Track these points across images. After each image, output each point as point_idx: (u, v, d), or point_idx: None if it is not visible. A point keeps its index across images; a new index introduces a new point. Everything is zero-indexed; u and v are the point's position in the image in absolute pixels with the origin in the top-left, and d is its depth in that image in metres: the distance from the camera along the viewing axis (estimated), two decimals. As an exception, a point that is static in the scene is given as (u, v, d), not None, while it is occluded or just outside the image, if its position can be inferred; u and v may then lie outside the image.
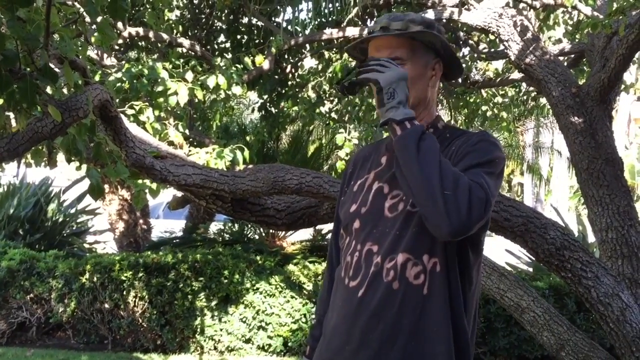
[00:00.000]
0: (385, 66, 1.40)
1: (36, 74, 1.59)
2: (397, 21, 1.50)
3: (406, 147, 1.33)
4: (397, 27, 1.48)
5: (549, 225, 2.67)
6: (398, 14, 1.54)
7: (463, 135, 1.48)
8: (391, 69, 1.40)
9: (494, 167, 1.38)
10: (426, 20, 1.52)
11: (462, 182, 1.28)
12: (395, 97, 1.37)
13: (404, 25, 1.48)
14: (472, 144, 1.41)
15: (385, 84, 1.38)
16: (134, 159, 2.39)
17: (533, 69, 3.62)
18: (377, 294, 1.39)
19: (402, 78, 1.39)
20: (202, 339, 5.59)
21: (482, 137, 1.43)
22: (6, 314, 5.90)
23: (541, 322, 3.09)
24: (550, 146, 17.14)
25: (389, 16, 1.53)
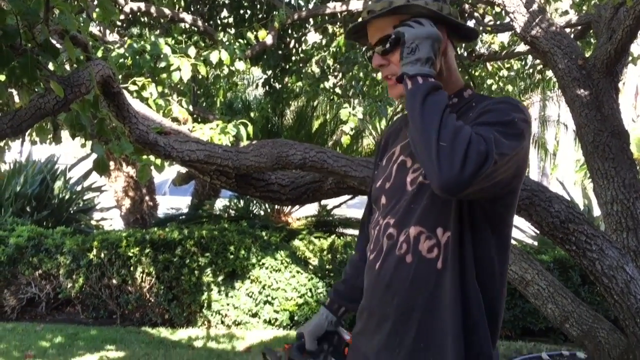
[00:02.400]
0: (421, 23, 1.35)
1: (37, 50, 1.59)
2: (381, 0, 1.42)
3: (413, 100, 1.27)
4: (380, 7, 1.40)
5: (553, 199, 2.67)
6: None
7: (489, 99, 1.41)
8: (424, 26, 1.34)
9: (511, 128, 1.26)
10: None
11: (463, 134, 1.18)
12: (415, 53, 1.31)
13: (386, 3, 1.40)
14: (492, 103, 1.33)
15: (408, 38, 1.32)
16: (137, 135, 2.38)
17: (539, 41, 3.57)
18: (391, 267, 1.38)
19: (429, 36, 1.32)
20: (209, 313, 5.65)
21: (505, 99, 1.35)
22: (15, 290, 5.97)
23: (545, 295, 3.11)
24: (556, 119, 17.03)
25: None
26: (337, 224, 7.61)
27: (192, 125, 4.06)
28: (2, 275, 5.83)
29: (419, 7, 1.39)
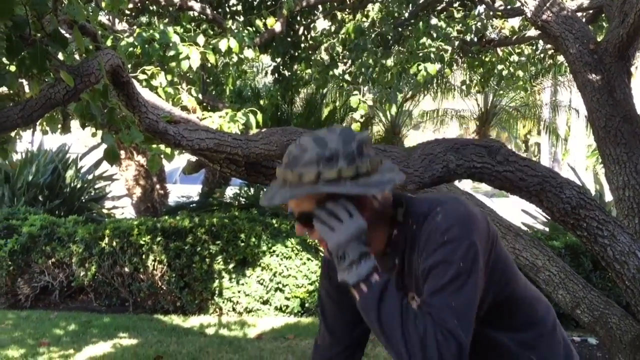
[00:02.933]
0: (338, 218, 1.28)
1: (46, 40, 1.59)
2: (292, 169, 1.29)
3: (367, 313, 1.27)
4: (291, 179, 1.29)
5: (564, 185, 2.65)
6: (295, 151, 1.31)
7: (425, 221, 1.35)
8: (343, 224, 1.27)
9: (461, 277, 1.27)
10: (325, 155, 1.28)
11: (430, 343, 1.21)
12: (346, 259, 1.26)
13: (294, 178, 1.29)
14: (432, 250, 1.30)
15: (333, 249, 1.27)
16: (147, 124, 2.39)
17: (550, 25, 3.53)
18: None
19: (353, 237, 1.27)
20: (221, 300, 5.69)
21: (444, 235, 1.30)
22: (29, 278, 6.04)
23: (556, 281, 3.09)
24: (567, 105, 16.88)
25: (288, 157, 1.32)
26: (347, 211, 7.61)
27: (201, 114, 4.07)
28: (16, 264, 5.90)
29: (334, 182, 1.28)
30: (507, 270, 1.45)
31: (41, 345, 4.66)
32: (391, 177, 1.32)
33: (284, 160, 1.33)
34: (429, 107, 15.44)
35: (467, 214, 1.34)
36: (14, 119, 1.74)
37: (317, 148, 1.28)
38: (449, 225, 1.30)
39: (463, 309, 1.26)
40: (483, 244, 1.34)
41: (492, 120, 13.14)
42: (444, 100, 13.72)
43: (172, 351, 4.53)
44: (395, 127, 12.18)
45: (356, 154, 1.29)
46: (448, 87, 12.17)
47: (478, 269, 1.30)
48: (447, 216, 1.32)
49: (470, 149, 2.43)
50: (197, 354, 4.47)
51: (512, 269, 1.47)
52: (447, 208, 1.34)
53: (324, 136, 1.31)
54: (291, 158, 1.30)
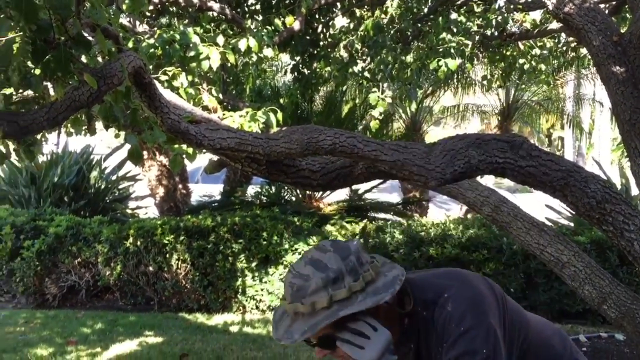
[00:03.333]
0: (364, 335, 1.28)
1: (70, 43, 1.62)
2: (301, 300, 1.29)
3: None
4: (303, 310, 1.29)
5: (589, 179, 2.61)
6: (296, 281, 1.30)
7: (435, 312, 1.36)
8: (371, 340, 1.27)
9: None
10: (330, 275, 1.29)
11: None
12: None
13: (307, 308, 1.28)
14: (452, 342, 1.31)
15: None
16: (169, 124, 2.41)
17: (572, 18, 3.48)
18: None
19: (384, 350, 1.27)
20: (244, 298, 5.73)
21: (460, 325, 1.32)
22: (56, 278, 6.14)
23: (582, 277, 3.06)
24: (591, 98, 16.63)
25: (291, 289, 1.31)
26: (368, 209, 7.61)
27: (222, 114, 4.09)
28: (43, 264, 6.00)
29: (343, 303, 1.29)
30: (520, 321, 1.47)
31: (69, 344, 4.74)
32: (394, 275, 1.34)
33: (287, 293, 1.33)
34: (449, 102, 15.33)
35: (476, 296, 1.35)
36: (40, 121, 1.77)
37: (320, 273, 1.29)
38: (461, 314, 1.32)
39: None
40: (497, 319, 1.36)
41: (514, 115, 13.00)
42: (465, 95, 13.60)
43: (197, 349, 4.58)
44: (416, 124, 12.12)
45: (357, 266, 1.31)
46: (469, 82, 12.07)
47: (500, 348, 1.32)
48: (457, 304, 1.34)
49: (493, 144, 2.41)
50: (221, 352, 4.51)
51: (522, 317, 1.49)
52: (454, 294, 1.36)
53: (320, 258, 1.31)
54: (295, 289, 1.30)
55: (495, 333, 1.32)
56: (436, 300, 1.37)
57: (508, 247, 5.34)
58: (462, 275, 1.45)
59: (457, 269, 1.54)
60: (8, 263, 6.10)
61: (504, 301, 1.43)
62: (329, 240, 1.39)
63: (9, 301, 6.40)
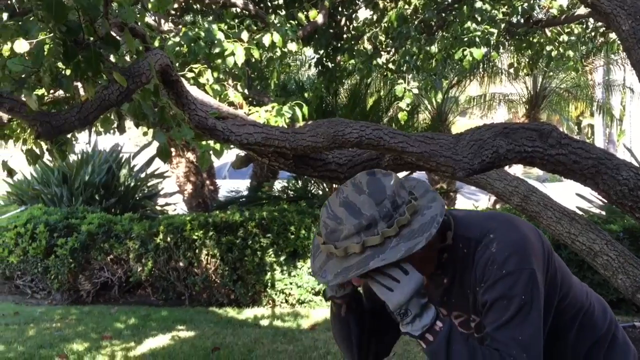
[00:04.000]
0: (395, 278, 1.27)
1: (99, 43, 1.65)
2: (334, 244, 1.29)
3: (438, 357, 1.28)
4: (337, 253, 1.29)
5: (621, 166, 2.57)
6: (330, 222, 1.29)
7: (477, 252, 1.35)
8: (401, 283, 1.26)
9: (525, 308, 1.29)
10: (363, 224, 1.27)
11: None
12: (408, 314, 1.27)
13: (340, 252, 1.28)
14: (492, 283, 1.31)
15: (394, 308, 1.27)
16: (196, 121, 2.44)
17: (600, 2, 3.41)
18: None
19: (413, 294, 1.26)
20: (274, 292, 5.77)
21: (502, 268, 1.30)
22: (90, 275, 6.26)
23: (615, 265, 3.01)
24: (621, 84, 16.28)
25: (325, 229, 1.30)
26: (395, 201, 7.57)
27: (248, 109, 4.12)
28: (77, 261, 6.12)
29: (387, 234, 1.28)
30: (563, 278, 1.46)
31: (104, 339, 4.83)
32: (433, 215, 1.31)
33: (322, 231, 1.32)
34: (475, 92, 15.17)
35: (522, 240, 1.33)
36: (72, 121, 1.81)
37: (353, 219, 1.27)
38: (505, 256, 1.30)
39: (530, 340, 1.28)
40: (541, 267, 1.34)
41: (542, 103, 12.80)
42: (491, 84, 13.43)
43: (228, 343, 4.63)
44: (442, 115, 12.02)
45: (392, 211, 1.29)
46: (495, 71, 11.92)
47: (540, 297, 1.31)
48: (502, 246, 1.32)
49: (521, 133, 2.38)
50: (252, 345, 4.55)
51: (566, 275, 1.48)
52: (500, 235, 1.34)
53: (354, 201, 1.29)
54: (329, 231, 1.30)
55: (536, 280, 1.31)
56: (480, 239, 1.36)
57: (538, 237, 5.28)
58: (510, 218, 1.43)
59: (506, 213, 1.52)
60: (43, 261, 6.24)
61: (549, 254, 1.41)
62: (367, 175, 1.33)
63: (44, 298, 6.55)
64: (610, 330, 1.55)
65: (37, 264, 6.27)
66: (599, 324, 1.53)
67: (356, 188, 1.32)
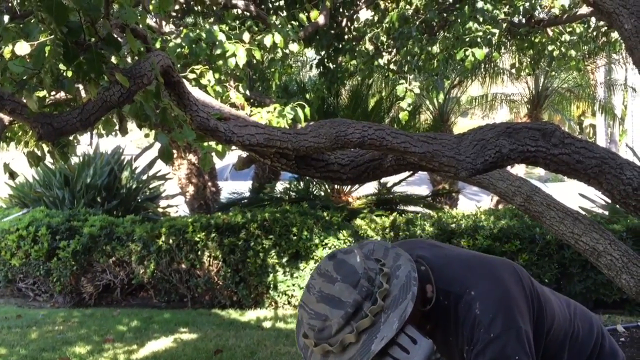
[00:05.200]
0: (404, 349, 1.25)
1: (100, 44, 1.64)
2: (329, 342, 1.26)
3: None
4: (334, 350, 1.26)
5: (624, 165, 2.56)
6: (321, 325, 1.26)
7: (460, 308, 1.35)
8: (410, 354, 1.25)
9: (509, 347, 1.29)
10: (350, 312, 1.25)
11: None
12: None
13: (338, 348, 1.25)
14: (482, 347, 1.30)
15: None
16: (198, 122, 2.43)
17: (602, 1, 3.40)
18: None
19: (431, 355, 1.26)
20: (276, 294, 5.76)
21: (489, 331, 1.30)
22: (92, 277, 6.26)
23: (619, 265, 3.00)
24: (623, 83, 16.25)
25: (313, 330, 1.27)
26: (397, 202, 7.57)
27: (249, 110, 4.11)
28: (79, 264, 6.12)
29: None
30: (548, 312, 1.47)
31: (106, 342, 4.83)
32: (406, 274, 1.29)
33: (309, 334, 1.28)
34: (477, 92, 15.15)
35: (504, 298, 1.33)
36: (73, 122, 1.80)
37: (338, 310, 1.24)
38: (490, 318, 1.30)
39: None
40: (527, 318, 1.35)
41: (544, 103, 12.77)
42: (493, 85, 13.41)
43: (231, 345, 4.62)
44: (443, 115, 12.00)
45: (370, 287, 1.26)
46: (496, 71, 11.90)
47: (531, 351, 1.31)
48: (485, 306, 1.32)
49: (524, 133, 2.37)
50: (255, 347, 4.54)
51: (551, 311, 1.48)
52: (481, 293, 1.33)
53: (331, 293, 1.26)
54: (317, 330, 1.26)
55: (527, 336, 1.31)
56: (461, 294, 1.35)
57: (541, 237, 5.26)
58: (488, 268, 1.42)
59: (483, 256, 1.50)
60: (45, 263, 6.24)
61: (532, 294, 1.40)
62: (330, 260, 1.30)
63: (46, 301, 6.55)
64: (597, 344, 1.55)
65: (40, 266, 6.27)
66: (586, 343, 1.54)
67: (326, 278, 1.28)
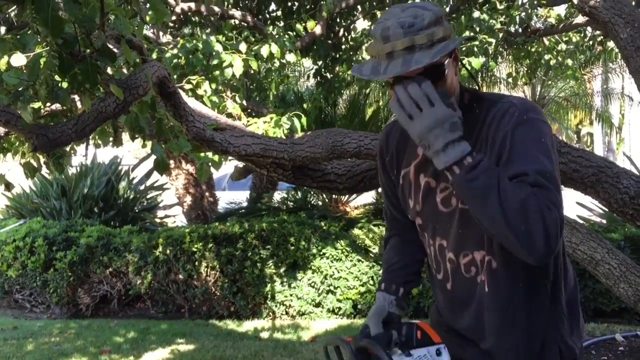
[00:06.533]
0: (419, 106, 1.23)
1: (96, 55, 1.64)
2: (418, 32, 1.26)
3: (461, 194, 1.26)
4: (421, 42, 1.25)
5: (621, 174, 2.56)
6: (405, 19, 1.27)
7: (492, 108, 1.34)
8: (423, 112, 1.22)
9: (548, 151, 1.26)
10: (438, 13, 1.29)
11: (531, 210, 1.17)
12: (432, 147, 1.23)
13: (427, 38, 1.25)
14: (514, 125, 1.27)
15: (414, 137, 1.25)
16: (194, 133, 2.43)
17: (598, 11, 3.43)
18: (463, 289, 1.42)
19: (435, 126, 1.22)
20: (274, 304, 5.74)
21: (524, 115, 1.29)
22: (89, 288, 6.23)
23: (617, 274, 2.99)
24: (620, 92, 16.32)
25: (399, 25, 1.26)
26: (395, 211, 7.55)
27: (246, 120, 4.12)
28: (76, 275, 6.09)
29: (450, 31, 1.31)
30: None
31: (103, 353, 4.79)
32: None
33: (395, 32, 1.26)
34: (474, 102, 15.18)
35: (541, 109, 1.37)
36: (68, 133, 1.80)
37: (432, 7, 1.30)
38: (527, 109, 1.30)
39: (553, 173, 1.24)
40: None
41: (541, 111, 12.80)
42: (490, 94, 13.45)
43: (228, 356, 4.59)
44: (441, 124, 12.00)
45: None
46: (493, 80, 11.95)
47: (556, 154, 1.31)
48: (523, 103, 1.33)
49: (520, 142, 2.37)
50: (252, 358, 4.51)
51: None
52: (518, 99, 1.35)
53: (416, 6, 1.30)
54: (407, 25, 1.26)
55: (553, 138, 1.32)
56: (497, 100, 1.35)
57: (539, 246, 5.25)
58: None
59: None
60: (42, 274, 6.21)
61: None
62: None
63: (43, 312, 6.51)
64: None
65: (36, 277, 6.24)
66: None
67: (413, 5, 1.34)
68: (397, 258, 1.62)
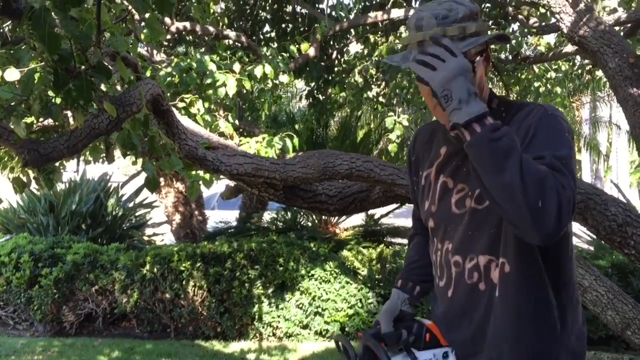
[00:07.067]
0: (440, 58, 1.21)
1: (91, 72, 1.65)
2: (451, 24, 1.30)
3: (479, 155, 1.19)
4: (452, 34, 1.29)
5: (609, 202, 2.59)
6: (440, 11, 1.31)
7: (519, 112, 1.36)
8: (446, 62, 1.21)
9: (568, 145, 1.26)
10: (473, 9, 1.33)
11: (549, 185, 1.14)
12: (452, 97, 1.19)
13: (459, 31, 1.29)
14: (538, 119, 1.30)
15: (437, 87, 1.21)
16: (186, 151, 2.44)
17: (587, 40, 3.48)
18: (464, 295, 1.41)
19: (458, 74, 1.19)
20: (261, 325, 5.69)
21: (544, 113, 1.30)
22: (73, 306, 6.15)
23: (604, 301, 3.00)
24: (608, 120, 16.53)
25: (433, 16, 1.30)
26: (385, 233, 7.56)
27: (238, 140, 4.13)
28: (61, 292, 6.01)
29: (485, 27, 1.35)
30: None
31: (86, 372, 4.72)
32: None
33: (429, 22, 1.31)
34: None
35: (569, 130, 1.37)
36: (60, 149, 1.80)
37: (470, 5, 1.33)
38: (553, 108, 1.33)
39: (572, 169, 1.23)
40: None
41: (530, 138, 12.92)
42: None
43: (213, 377, 4.54)
44: (431, 148, 12.08)
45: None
46: (484, 106, 12.06)
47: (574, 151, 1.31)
48: (549, 105, 1.35)
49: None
50: (238, 380, 4.46)
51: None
52: (545, 104, 1.37)
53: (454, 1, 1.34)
54: (441, 18, 1.30)
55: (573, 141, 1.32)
56: (522, 106, 1.37)
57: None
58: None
59: None
60: (26, 291, 6.12)
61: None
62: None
63: (26, 329, 6.41)
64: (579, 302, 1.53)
65: (21, 294, 6.15)
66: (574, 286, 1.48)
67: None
68: (418, 257, 1.64)
